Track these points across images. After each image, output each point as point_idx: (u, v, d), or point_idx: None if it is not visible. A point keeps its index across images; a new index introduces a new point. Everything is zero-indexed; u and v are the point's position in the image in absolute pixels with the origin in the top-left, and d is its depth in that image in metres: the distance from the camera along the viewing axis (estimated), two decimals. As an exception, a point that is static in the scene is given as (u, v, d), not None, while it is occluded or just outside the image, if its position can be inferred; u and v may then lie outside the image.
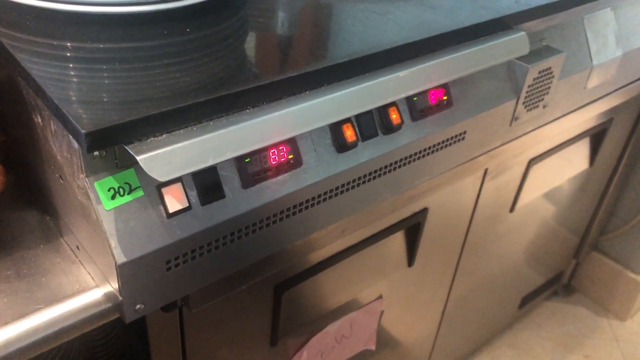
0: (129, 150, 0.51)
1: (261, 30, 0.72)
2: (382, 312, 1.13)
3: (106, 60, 0.60)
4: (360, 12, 0.75)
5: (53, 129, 0.57)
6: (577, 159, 1.40)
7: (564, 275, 1.80)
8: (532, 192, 1.30)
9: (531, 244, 1.50)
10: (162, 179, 0.51)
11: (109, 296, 0.61)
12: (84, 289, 0.62)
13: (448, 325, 1.39)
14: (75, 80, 0.56)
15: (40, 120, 0.60)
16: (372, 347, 1.17)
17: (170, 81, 0.57)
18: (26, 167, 0.72)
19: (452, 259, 1.23)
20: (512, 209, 1.28)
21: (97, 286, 0.63)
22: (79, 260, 0.66)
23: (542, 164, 1.24)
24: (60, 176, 0.60)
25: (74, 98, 0.53)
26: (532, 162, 1.20)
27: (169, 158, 0.52)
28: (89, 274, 0.64)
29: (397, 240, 1.04)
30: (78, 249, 0.65)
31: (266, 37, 0.71)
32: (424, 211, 1.02)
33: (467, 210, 1.14)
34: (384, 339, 1.19)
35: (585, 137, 1.32)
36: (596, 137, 1.38)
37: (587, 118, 1.18)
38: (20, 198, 0.74)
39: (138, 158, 0.51)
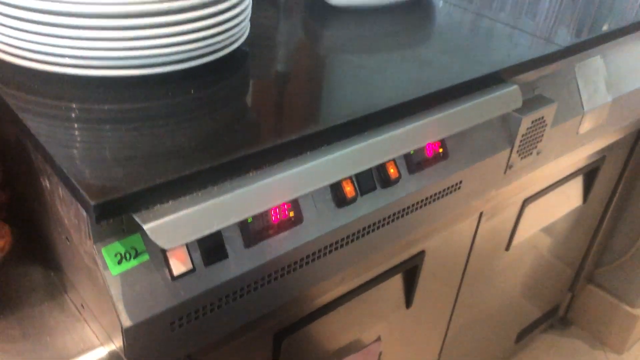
0: (137, 220, 0.52)
1: (261, 90, 0.74)
2: (380, 354, 1.13)
3: (112, 123, 0.62)
4: (357, 69, 0.77)
5: (61, 195, 0.59)
6: (571, 196, 1.42)
7: (560, 308, 1.81)
8: (527, 230, 1.32)
9: (527, 278, 1.51)
10: (168, 247, 0.52)
11: (113, 355, 0.62)
12: (88, 348, 0.63)
13: (446, 361, 1.39)
14: (82, 146, 0.58)
15: (48, 184, 0.61)
16: (371, 388, 1.17)
17: (176, 146, 0.59)
18: (32, 222, 0.73)
19: (449, 298, 1.24)
20: (507, 247, 1.29)
21: (101, 345, 0.63)
22: (84, 319, 0.66)
23: (536, 203, 1.25)
24: (67, 238, 0.62)
25: (82, 166, 0.54)
26: (526, 201, 1.21)
27: (174, 226, 0.53)
28: (94, 332, 0.65)
29: (395, 283, 1.05)
30: (83, 307, 0.66)
31: (266, 96, 0.72)
32: (421, 254, 1.04)
33: (463, 251, 1.16)
34: (382, 380, 1.19)
35: (578, 175, 1.34)
36: (589, 174, 1.40)
37: (579, 159, 1.20)
38: (24, 253, 0.75)
39: (145, 227, 0.52)
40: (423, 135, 0.72)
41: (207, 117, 0.65)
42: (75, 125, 0.62)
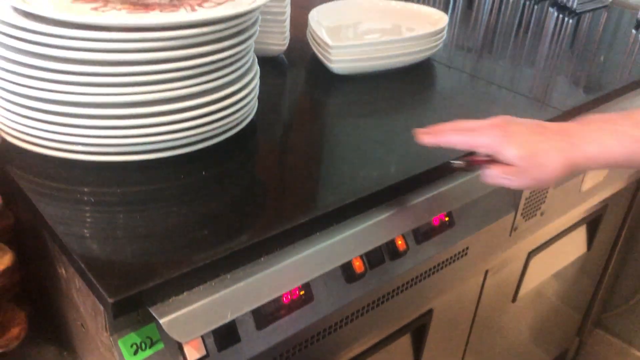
0: (153, 314, 0.53)
1: (270, 168, 0.76)
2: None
3: (125, 210, 0.63)
4: (363, 142, 0.79)
5: (77, 285, 0.60)
6: (575, 245, 1.42)
7: (569, 353, 1.80)
8: (533, 281, 1.32)
9: (534, 326, 1.51)
10: (184, 340, 0.53)
11: None
12: None
13: (455, 415, 1.38)
14: (97, 235, 0.59)
15: (64, 272, 0.62)
16: None
17: (190, 234, 0.60)
18: (46, 301, 0.74)
19: (457, 352, 1.24)
20: (514, 299, 1.30)
21: None
22: (98, 401, 0.67)
23: (541, 255, 1.26)
24: (82, 325, 0.62)
25: (99, 260, 0.56)
26: (531, 254, 1.22)
27: (190, 318, 0.54)
28: (108, 416, 0.65)
29: (404, 342, 1.05)
30: (97, 390, 0.66)
31: (275, 175, 0.74)
32: (429, 312, 1.04)
33: (470, 306, 1.16)
34: None
35: (581, 224, 1.35)
36: (592, 223, 1.41)
37: (582, 212, 1.22)
38: (38, 331, 0.75)
39: (161, 322, 0.53)
40: (430, 209, 0.74)
41: (218, 199, 0.67)
42: (89, 212, 0.63)
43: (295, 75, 1.03)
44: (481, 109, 0.91)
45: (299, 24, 1.17)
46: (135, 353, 0.57)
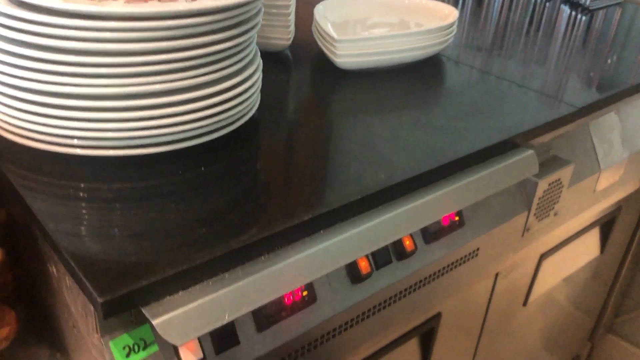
0: (146, 314, 0.51)
1: (272, 164, 0.73)
2: (396, 419, 1.10)
3: (121, 205, 0.61)
4: (369, 139, 0.76)
5: (68, 284, 0.57)
6: (588, 248, 1.39)
7: (580, 359, 1.75)
8: (545, 285, 1.29)
9: (546, 330, 1.47)
10: (179, 343, 0.50)
11: None
12: None
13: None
14: (89, 232, 0.56)
15: (55, 271, 0.60)
16: None
17: (186, 230, 0.57)
18: (39, 302, 0.71)
19: (466, 358, 1.20)
20: (525, 303, 1.26)
21: None
22: (91, 405, 0.64)
23: (553, 258, 1.23)
24: (74, 325, 0.60)
25: (89, 257, 0.53)
26: (543, 256, 1.19)
27: (185, 319, 0.51)
28: (101, 421, 0.62)
29: (412, 347, 1.02)
30: (90, 394, 0.63)
31: (277, 171, 0.71)
32: (437, 316, 1.01)
33: (480, 310, 1.13)
34: None
35: (595, 226, 1.32)
36: (606, 225, 1.37)
37: (596, 213, 1.18)
38: (30, 332, 0.73)
39: (154, 322, 0.50)
40: (439, 208, 0.71)
41: (217, 196, 0.64)
42: (83, 209, 0.60)
43: (300, 71, 1.00)
44: (492, 105, 0.88)
45: (304, 20, 1.14)
46: (128, 355, 0.54)
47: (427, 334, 1.02)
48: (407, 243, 0.72)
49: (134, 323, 0.55)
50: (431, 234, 0.76)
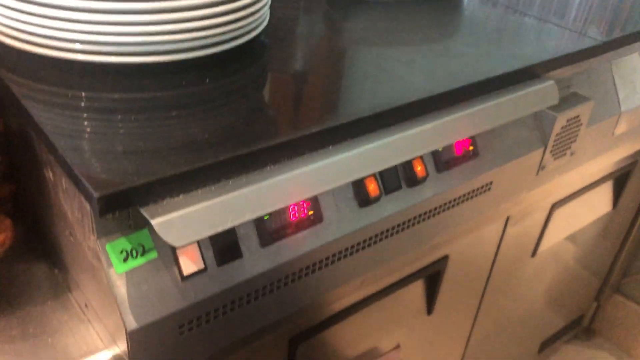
0: (144, 214, 0.48)
1: (281, 81, 0.70)
2: (399, 362, 1.09)
3: (122, 113, 0.58)
4: (384, 61, 0.73)
5: (64, 187, 0.55)
6: (600, 202, 1.36)
7: (585, 318, 1.74)
8: (555, 237, 1.26)
9: (552, 287, 1.45)
10: (178, 244, 0.48)
11: (117, 359, 0.58)
12: (91, 351, 0.59)
13: (467, 372, 1.34)
14: (88, 136, 0.54)
15: (51, 175, 0.57)
16: (389, 397, 1.12)
17: (188, 137, 0.55)
18: (36, 218, 0.69)
19: (472, 305, 1.19)
20: (534, 254, 1.24)
21: (105, 348, 0.59)
22: (88, 319, 0.62)
23: (565, 208, 1.20)
24: (70, 233, 0.58)
25: (86, 156, 0.50)
26: (555, 206, 1.16)
27: (185, 222, 0.49)
28: (97, 334, 0.61)
29: (416, 289, 1.00)
30: (87, 307, 0.62)
31: (286, 88, 0.68)
32: (444, 259, 0.99)
33: (488, 257, 1.11)
34: (402, 389, 1.14)
35: (608, 180, 1.28)
36: (619, 179, 1.34)
37: (612, 162, 1.15)
38: (29, 249, 0.71)
39: (153, 222, 0.48)
40: (453, 131, 0.68)
41: (223, 109, 0.61)
42: (82, 114, 0.58)
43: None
44: (513, 36, 0.84)
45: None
46: (125, 260, 0.52)
47: (433, 277, 1.00)
48: (419, 169, 0.70)
49: (133, 228, 0.53)
50: (443, 162, 0.73)
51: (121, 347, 0.56)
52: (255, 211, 0.53)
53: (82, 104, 0.59)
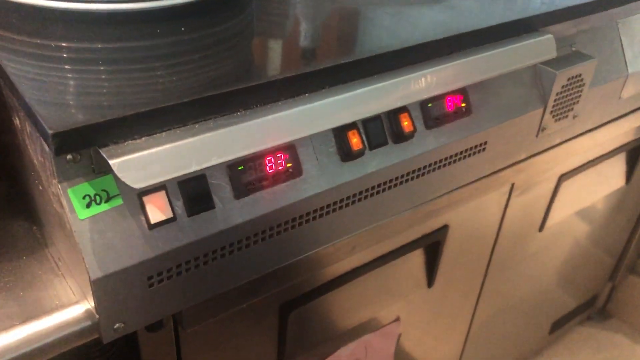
0: (102, 154, 0.46)
1: (259, 31, 0.67)
2: (399, 335, 1.06)
3: (90, 61, 0.56)
4: (371, 12, 0.70)
5: (28, 131, 0.53)
6: (612, 176, 1.31)
7: (599, 299, 1.69)
8: (563, 210, 1.22)
9: (563, 265, 1.41)
10: (137, 185, 0.46)
11: (89, 313, 0.56)
12: (63, 305, 0.58)
13: (473, 349, 1.31)
14: (52, 79, 0.52)
15: (18, 122, 0.56)
16: (390, 372, 1.10)
17: (154, 80, 0.53)
18: (15, 173, 0.68)
19: (476, 279, 1.15)
20: (541, 228, 1.20)
21: (77, 302, 0.58)
22: (62, 274, 0.61)
23: (574, 180, 1.16)
24: (39, 182, 0.56)
25: (48, 97, 0.49)
26: (563, 177, 1.12)
27: (145, 163, 0.47)
28: (71, 288, 0.59)
29: (415, 259, 0.97)
30: (60, 260, 0.60)
31: (266, 35, 0.66)
32: (444, 228, 0.96)
33: (491, 228, 1.07)
34: (403, 363, 1.12)
35: (621, 152, 1.24)
36: (633, 152, 1.29)
37: (622, 131, 1.10)
38: (10, 206, 0.70)
39: (110, 162, 0.46)
40: (442, 81, 0.64)
41: (197, 57, 0.59)
42: (50, 61, 0.56)
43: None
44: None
45: None
46: (88, 206, 0.50)
47: (432, 246, 0.97)
48: (405, 124, 0.67)
49: (96, 173, 0.51)
50: (433, 118, 0.70)
51: (89, 300, 0.54)
52: (222, 155, 0.51)
53: (51, 52, 0.58)
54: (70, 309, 0.57)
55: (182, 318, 0.64)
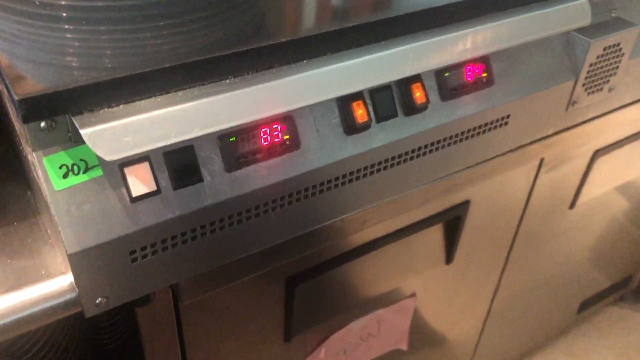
0: (74, 122, 0.43)
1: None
2: (415, 311, 1.03)
3: (68, 19, 0.52)
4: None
5: (7, 94, 0.50)
6: (653, 152, 1.23)
7: (633, 280, 1.62)
8: (597, 188, 1.15)
9: (594, 243, 1.35)
10: (109, 157, 0.43)
11: (72, 286, 0.54)
12: (49, 275, 0.56)
13: (494, 326, 1.27)
14: (29, 41, 0.49)
15: (3, 87, 0.53)
16: (404, 347, 1.07)
17: (139, 47, 0.49)
18: (12, 136, 0.66)
19: (499, 257, 1.10)
20: (572, 205, 1.14)
21: (63, 273, 0.56)
22: (52, 242, 0.59)
23: (609, 157, 1.09)
24: (23, 149, 0.54)
25: (20, 59, 0.46)
26: (597, 153, 1.05)
27: (120, 133, 0.44)
28: (59, 258, 0.57)
29: (433, 235, 0.93)
30: (50, 229, 0.58)
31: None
32: (465, 204, 0.91)
33: (518, 204, 1.02)
34: (419, 338, 1.09)
35: (663, 127, 1.16)
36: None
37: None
38: (7, 169, 0.68)
39: (82, 132, 0.43)
40: (459, 48, 0.59)
41: (186, 17, 0.54)
42: (27, 20, 0.52)
43: None
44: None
45: None
46: (65, 176, 0.47)
47: (452, 222, 0.92)
48: (418, 95, 0.62)
49: (74, 142, 0.48)
50: (449, 89, 0.64)
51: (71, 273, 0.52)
52: (207, 126, 0.47)
53: (24, 6, 0.54)
54: (55, 280, 0.55)
55: (179, 290, 0.62)
